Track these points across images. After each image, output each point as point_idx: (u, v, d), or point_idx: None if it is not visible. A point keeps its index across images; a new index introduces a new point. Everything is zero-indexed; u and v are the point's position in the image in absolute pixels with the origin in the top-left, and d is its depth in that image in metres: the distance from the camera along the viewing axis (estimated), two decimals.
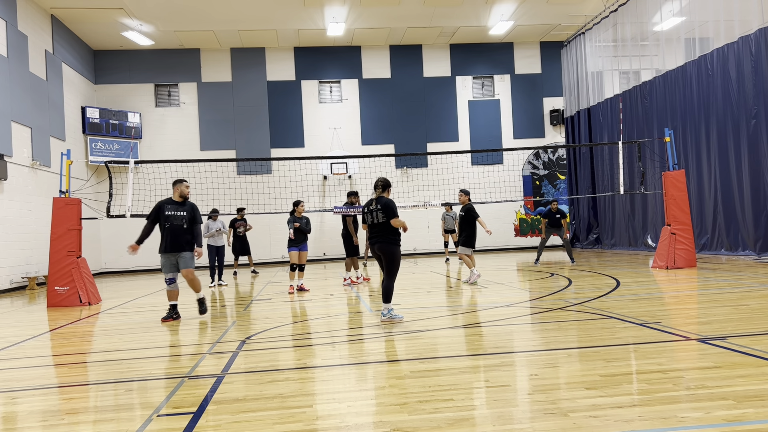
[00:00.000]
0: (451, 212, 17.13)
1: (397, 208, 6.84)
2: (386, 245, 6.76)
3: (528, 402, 3.60)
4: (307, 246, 11.14)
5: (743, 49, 13.25)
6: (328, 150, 21.68)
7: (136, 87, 21.39)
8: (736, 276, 9.92)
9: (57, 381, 4.93)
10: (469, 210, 10.92)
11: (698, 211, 15.07)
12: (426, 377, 4.24)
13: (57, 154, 16.94)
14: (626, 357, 4.55)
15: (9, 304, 11.75)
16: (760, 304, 6.74)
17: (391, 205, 6.79)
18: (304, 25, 20.03)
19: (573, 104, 22.17)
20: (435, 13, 19.69)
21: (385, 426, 3.25)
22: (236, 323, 7.43)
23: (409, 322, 6.78)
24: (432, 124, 22.66)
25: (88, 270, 10.81)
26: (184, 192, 7.92)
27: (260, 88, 21.95)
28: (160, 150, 21.10)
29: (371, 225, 6.87)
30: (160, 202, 7.97)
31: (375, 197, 6.95)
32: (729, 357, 4.37)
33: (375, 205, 6.86)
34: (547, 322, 6.29)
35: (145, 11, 18.08)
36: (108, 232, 20.18)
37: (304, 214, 11.31)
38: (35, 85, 16.27)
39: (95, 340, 6.86)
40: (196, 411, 3.71)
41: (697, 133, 15.18)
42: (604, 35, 19.49)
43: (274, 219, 20.49)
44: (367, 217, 6.94)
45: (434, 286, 10.91)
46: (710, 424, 3.05)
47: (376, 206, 6.84)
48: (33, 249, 15.52)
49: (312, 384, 4.27)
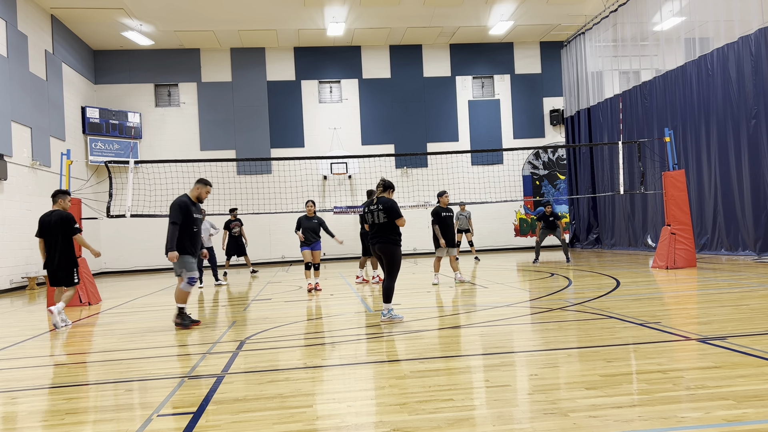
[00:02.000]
0: (464, 212, 17.07)
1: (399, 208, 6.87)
2: (387, 245, 6.78)
3: (528, 402, 3.60)
4: (320, 245, 11.16)
5: (743, 49, 13.25)
6: (328, 150, 21.68)
7: (136, 87, 21.39)
8: (736, 276, 9.92)
9: (57, 381, 4.93)
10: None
11: (698, 211, 15.07)
12: (426, 377, 4.24)
13: (57, 154, 16.94)
14: (626, 357, 4.55)
15: (9, 304, 11.75)
16: (760, 304, 6.73)
17: (394, 206, 6.80)
18: (304, 25, 20.03)
19: (573, 104, 22.17)
20: (435, 13, 19.69)
21: (385, 426, 3.25)
22: (236, 323, 7.43)
23: (409, 322, 6.78)
24: (432, 124, 22.66)
25: (88, 270, 10.81)
26: (203, 196, 7.60)
27: (260, 88, 21.95)
28: (160, 150, 21.10)
29: (372, 225, 6.89)
30: (185, 203, 7.31)
31: (376, 197, 6.96)
32: (729, 357, 4.37)
33: (376, 205, 6.87)
34: (547, 322, 6.29)
35: (145, 11, 18.08)
36: (108, 232, 20.17)
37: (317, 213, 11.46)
38: (35, 85, 16.27)
39: (95, 340, 6.86)
40: (196, 411, 3.71)
41: (697, 133, 15.18)
42: (604, 35, 19.49)
43: (274, 219, 20.50)
44: (367, 217, 6.96)
45: (434, 286, 10.90)
46: (710, 424, 3.05)
47: (377, 206, 6.85)
48: (33, 249, 15.47)
49: (312, 384, 4.27)
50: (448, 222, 10.90)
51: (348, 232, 21.19)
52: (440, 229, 10.80)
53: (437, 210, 10.82)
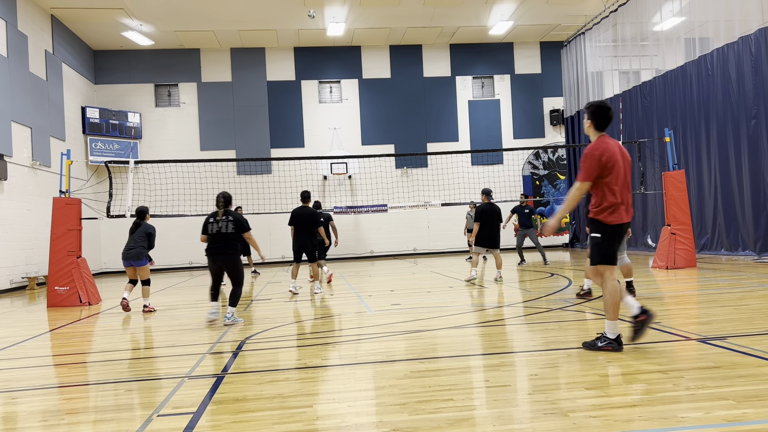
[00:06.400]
0: (473, 211, 17.02)
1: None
2: (231, 256, 7.26)
3: (528, 402, 3.60)
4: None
5: (743, 49, 13.25)
6: (328, 150, 21.68)
7: (136, 87, 21.39)
8: (736, 276, 9.92)
9: (57, 381, 4.93)
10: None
11: (698, 211, 15.07)
12: (426, 377, 4.24)
13: (57, 154, 16.93)
14: (626, 357, 4.55)
15: (9, 304, 11.75)
16: (760, 304, 6.73)
17: (242, 219, 7.37)
18: (304, 25, 20.03)
19: (573, 104, 22.17)
20: (435, 13, 19.69)
21: (385, 426, 3.25)
22: (236, 323, 7.43)
23: (409, 322, 6.78)
24: (432, 124, 22.66)
25: (88, 270, 10.81)
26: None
27: (260, 88, 21.95)
28: (160, 150, 21.09)
29: (216, 235, 7.23)
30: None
31: (221, 210, 7.33)
32: (729, 357, 4.37)
33: (223, 216, 7.27)
34: (547, 322, 6.29)
35: (145, 11, 18.08)
36: (108, 232, 20.16)
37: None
38: (35, 85, 16.27)
39: (95, 340, 6.86)
40: (196, 411, 3.71)
41: (697, 133, 15.18)
42: (604, 35, 19.49)
43: (274, 219, 20.47)
44: (212, 227, 7.27)
45: (434, 286, 10.91)
46: (710, 424, 3.05)
47: (225, 218, 7.25)
48: (33, 249, 15.51)
49: (312, 384, 4.27)
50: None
51: (348, 232, 21.23)
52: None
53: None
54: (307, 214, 10.37)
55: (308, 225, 10.33)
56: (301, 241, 10.34)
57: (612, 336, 4.77)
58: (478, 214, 11.17)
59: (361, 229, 22.04)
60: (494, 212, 11.15)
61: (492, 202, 11.29)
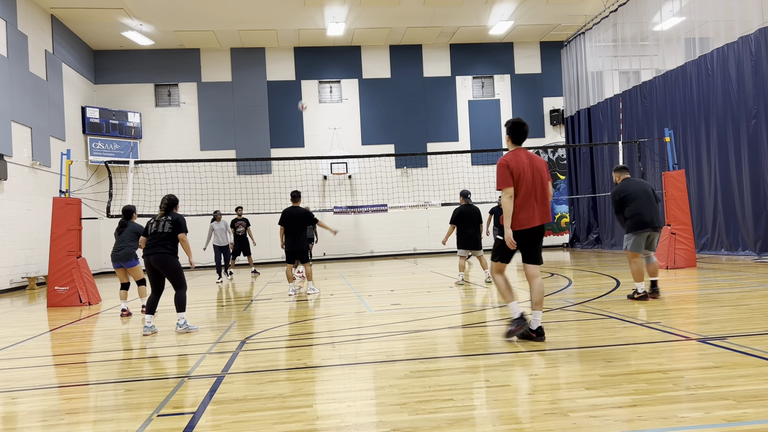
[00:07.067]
0: None
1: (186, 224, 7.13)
2: (163, 255, 6.88)
3: (528, 402, 3.60)
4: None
5: (743, 49, 13.25)
6: (328, 150, 21.68)
7: (136, 87, 21.39)
8: (736, 276, 9.92)
9: (57, 381, 4.93)
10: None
11: (698, 211, 15.07)
12: (426, 377, 4.24)
13: (57, 154, 16.93)
14: (626, 357, 4.55)
15: (9, 304, 11.75)
16: (760, 304, 6.73)
17: (181, 221, 7.05)
18: (304, 25, 20.03)
19: (573, 104, 22.17)
20: (435, 13, 19.69)
21: (385, 426, 3.25)
22: (236, 323, 7.44)
23: (409, 321, 6.78)
24: (432, 124, 22.66)
25: (88, 270, 10.81)
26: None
27: (260, 88, 21.95)
28: (160, 150, 21.09)
29: (153, 234, 6.98)
30: None
31: (162, 211, 7.13)
32: (729, 357, 4.37)
33: (163, 217, 7.07)
34: (547, 322, 6.29)
35: (145, 11, 18.08)
36: (108, 232, 20.13)
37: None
38: (35, 85, 16.27)
39: (95, 340, 6.86)
40: (196, 411, 3.71)
41: (697, 133, 15.18)
42: (604, 35, 19.49)
43: (274, 219, 20.42)
44: (151, 228, 7.07)
45: (434, 286, 10.91)
46: (710, 424, 3.05)
47: (164, 218, 7.05)
48: (33, 249, 15.51)
49: (312, 384, 4.27)
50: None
51: (348, 232, 21.24)
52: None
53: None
54: (299, 214, 10.34)
55: (301, 224, 10.27)
56: (294, 241, 10.29)
57: (516, 316, 5.35)
58: (455, 216, 10.70)
59: (361, 229, 22.04)
60: (472, 214, 10.64)
61: (470, 203, 10.92)
